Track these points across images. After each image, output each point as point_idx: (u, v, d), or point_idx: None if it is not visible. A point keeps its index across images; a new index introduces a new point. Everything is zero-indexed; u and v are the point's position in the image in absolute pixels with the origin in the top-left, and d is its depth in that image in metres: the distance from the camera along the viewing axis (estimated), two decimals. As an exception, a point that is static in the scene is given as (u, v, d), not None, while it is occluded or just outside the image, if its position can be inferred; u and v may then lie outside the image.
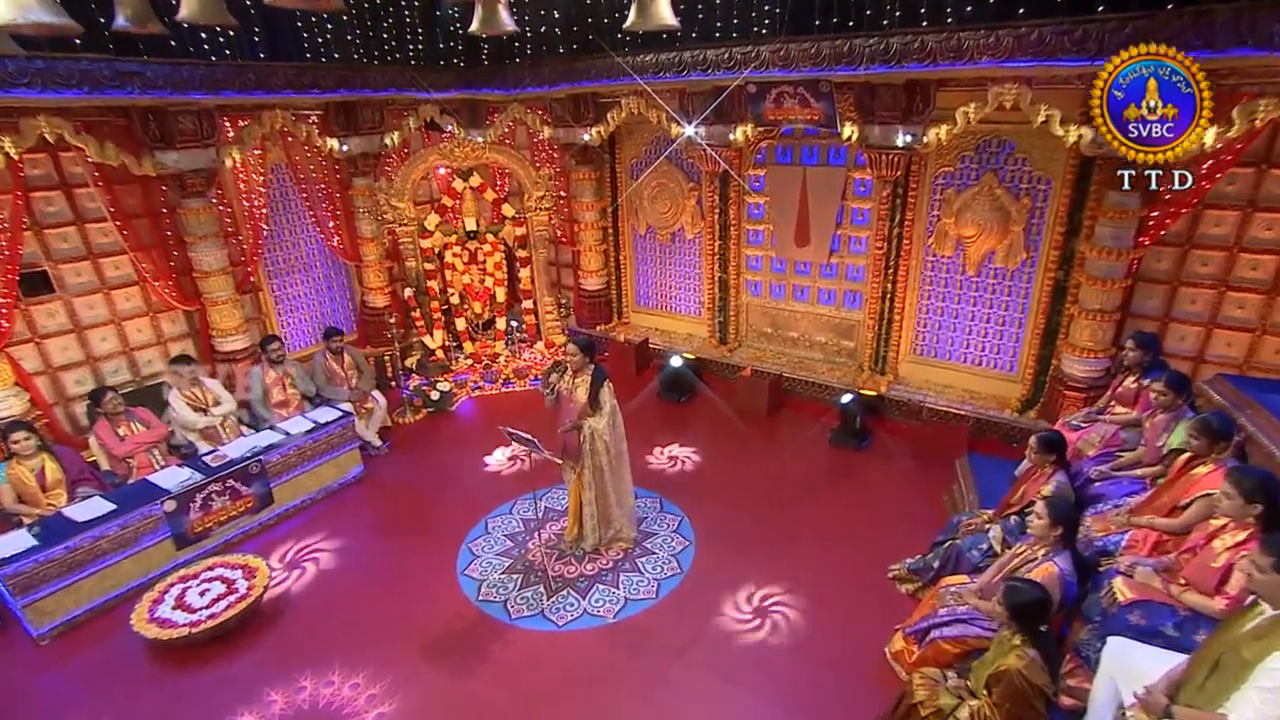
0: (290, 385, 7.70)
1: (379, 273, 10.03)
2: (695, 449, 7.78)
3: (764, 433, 8.22)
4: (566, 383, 5.81)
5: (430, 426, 8.72)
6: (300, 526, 6.86)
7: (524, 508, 6.89)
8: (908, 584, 5.74)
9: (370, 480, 7.52)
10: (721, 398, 8.99)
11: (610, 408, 5.61)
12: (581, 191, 10.19)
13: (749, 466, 7.33)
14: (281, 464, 6.94)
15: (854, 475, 7.28)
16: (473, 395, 9.41)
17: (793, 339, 9.33)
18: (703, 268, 9.71)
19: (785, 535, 6.30)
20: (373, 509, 7.06)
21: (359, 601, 5.74)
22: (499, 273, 10.03)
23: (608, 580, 5.82)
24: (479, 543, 6.40)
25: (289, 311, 9.66)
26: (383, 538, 6.48)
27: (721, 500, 6.76)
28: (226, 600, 5.60)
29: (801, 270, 9.06)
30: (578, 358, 5.63)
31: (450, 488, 7.27)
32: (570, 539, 6.18)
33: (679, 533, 6.34)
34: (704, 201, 9.37)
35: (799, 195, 8.67)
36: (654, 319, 10.70)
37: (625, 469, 5.96)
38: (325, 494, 7.28)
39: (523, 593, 5.73)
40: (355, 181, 9.56)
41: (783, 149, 8.76)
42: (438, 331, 9.62)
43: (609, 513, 6.04)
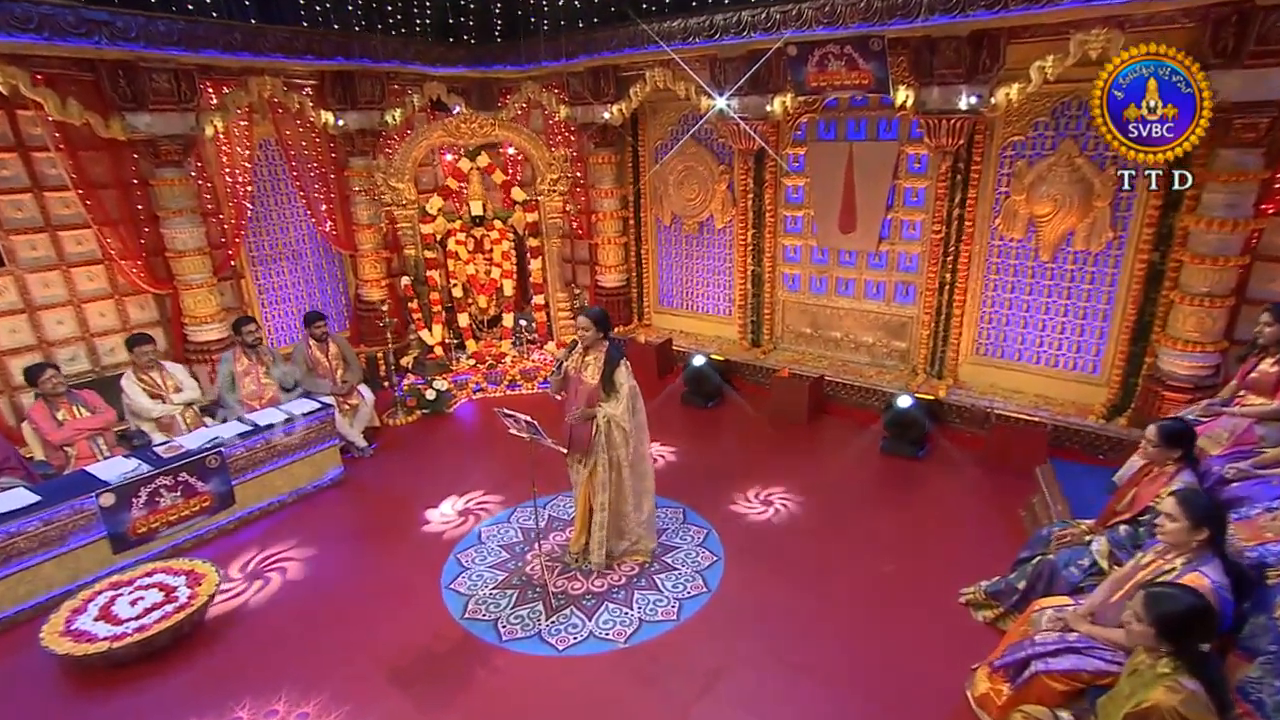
0: (265, 375, 7.03)
1: (375, 264, 9.53)
2: (724, 455, 7.19)
3: (804, 440, 7.55)
4: (575, 361, 5.12)
5: (423, 429, 8.11)
6: (266, 532, 6.18)
7: (524, 516, 6.13)
8: (985, 610, 4.87)
9: (351, 483, 6.90)
10: (753, 403, 8.42)
11: (628, 390, 4.96)
12: (600, 177, 9.68)
13: (787, 476, 6.63)
14: (246, 459, 6.23)
15: (912, 487, 6.52)
16: (474, 398, 8.83)
17: (835, 340, 8.61)
18: (734, 260, 9.15)
19: (832, 551, 5.58)
20: (351, 515, 6.42)
21: (324, 618, 5.05)
22: (507, 263, 9.44)
23: (619, 599, 5.07)
24: (469, 554, 5.68)
25: (274, 303, 9.10)
26: (360, 547, 5.83)
27: (753, 515, 6.11)
28: (162, 611, 4.81)
29: (846, 261, 8.38)
30: (590, 331, 5.00)
31: (442, 494, 6.62)
32: (576, 550, 5.47)
33: (705, 547, 5.59)
34: (736, 185, 8.84)
35: (844, 175, 8.01)
36: (678, 320, 10.02)
37: (647, 465, 5.27)
38: (297, 497, 6.62)
39: (517, 611, 4.97)
40: (352, 162, 9.13)
41: (825, 124, 8.13)
42: (437, 327, 9.03)
43: (624, 520, 5.33)
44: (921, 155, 7.59)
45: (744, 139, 8.20)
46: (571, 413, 5.09)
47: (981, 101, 6.59)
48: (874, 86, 7.00)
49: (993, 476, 6.56)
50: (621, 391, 4.95)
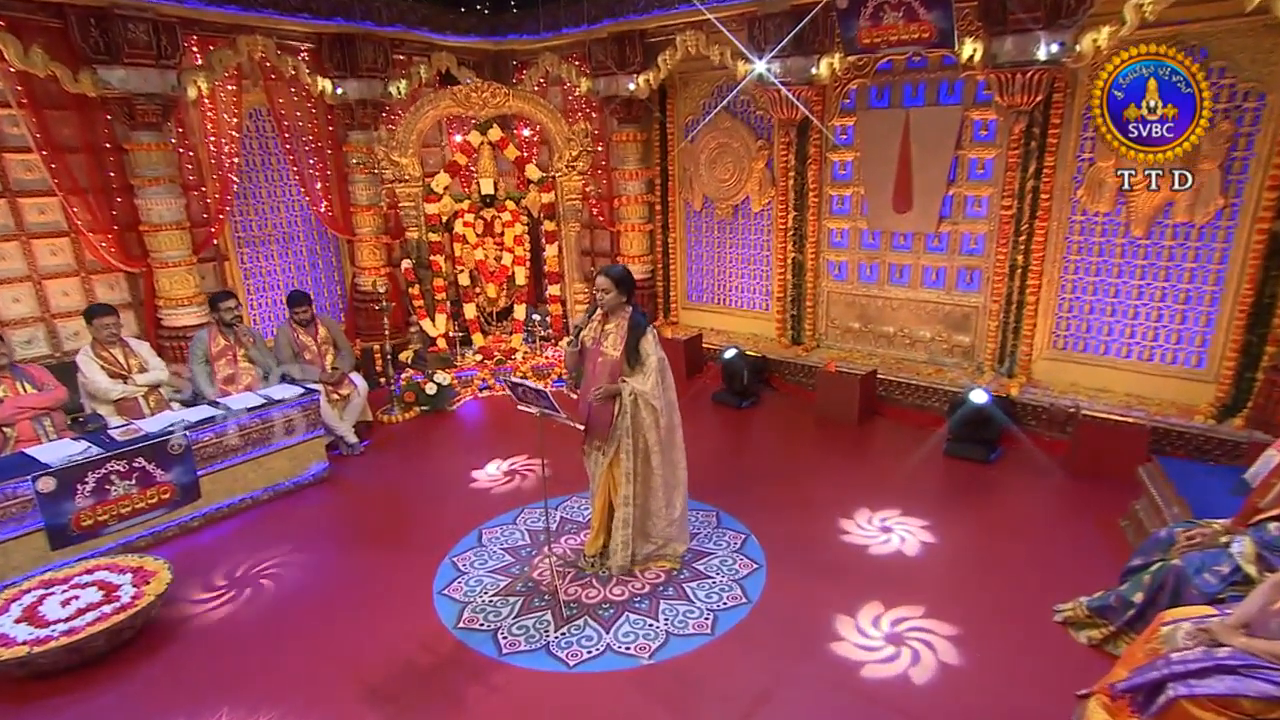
0: (244, 358, 6.57)
1: (374, 250, 9.15)
2: (763, 457, 6.73)
3: (855, 442, 7.04)
4: (593, 330, 4.68)
5: (421, 427, 7.67)
6: (235, 531, 5.69)
7: (532, 518, 5.64)
8: (1089, 630, 4.24)
9: (337, 481, 6.46)
10: (795, 404, 7.95)
11: (656, 362, 4.50)
12: (624, 157, 9.25)
13: (836, 480, 6.17)
14: (215, 447, 5.75)
15: (986, 493, 5.95)
16: (479, 395, 8.39)
17: (887, 335, 8.10)
18: (772, 247, 8.70)
19: (891, 563, 4.98)
20: (335, 516, 5.94)
21: (292, 627, 4.53)
22: (519, 248, 9.03)
23: (642, 609, 4.54)
24: (467, 556, 5.17)
25: (260, 289, 8.71)
26: (342, 549, 5.34)
27: (801, 517, 5.58)
28: (98, 612, 4.24)
29: (901, 245, 7.87)
30: (611, 294, 4.54)
31: (438, 496, 6.17)
32: (592, 553, 4.96)
33: (743, 553, 5.06)
34: (776, 163, 8.40)
35: (899, 147, 7.52)
36: (709, 316, 9.55)
37: (679, 452, 4.76)
38: (273, 494, 6.16)
39: (521, 620, 4.44)
40: (351, 136, 8.79)
41: (878, 90, 7.66)
42: (441, 317, 8.63)
43: (652, 519, 4.81)
44: (989, 121, 7.05)
45: (785, 108, 7.78)
46: (592, 391, 4.54)
47: (1064, 50, 6.04)
48: (936, 40, 6.51)
49: (1080, 483, 6.00)
50: (649, 363, 4.50)
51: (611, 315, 4.63)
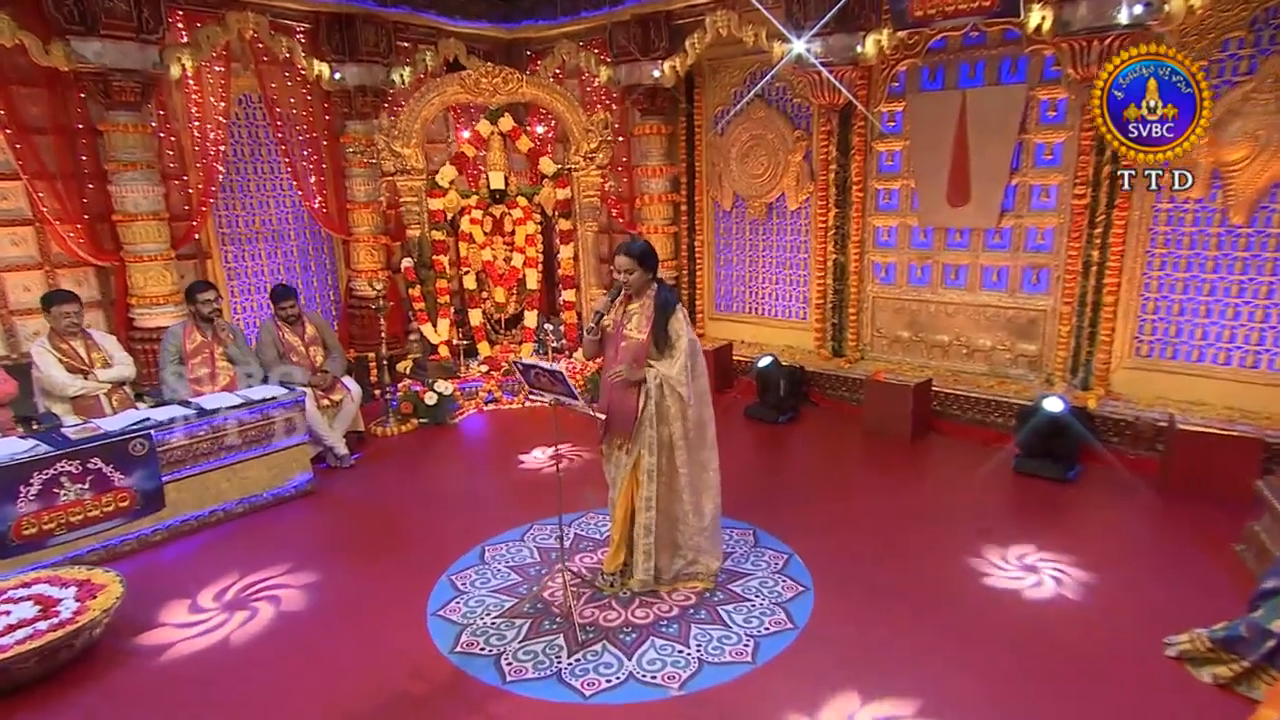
0: (223, 356, 6.27)
1: (372, 251, 8.97)
2: (804, 474, 6.46)
3: (909, 459, 6.67)
4: (615, 313, 4.41)
5: (419, 441, 7.36)
6: (203, 547, 5.33)
7: (542, 535, 5.33)
8: (1214, 666, 3.78)
9: (323, 495, 6.11)
10: (839, 419, 7.63)
11: (686, 344, 4.20)
12: (647, 152, 9.02)
13: (890, 499, 5.81)
14: (184, 450, 5.44)
15: (1066, 514, 5.51)
16: (485, 409, 8.09)
17: (942, 345, 7.74)
18: (811, 249, 8.43)
19: (960, 589, 4.58)
20: (319, 532, 5.58)
21: (262, 651, 4.14)
22: (531, 249, 8.73)
23: (670, 633, 4.15)
24: (468, 574, 4.85)
25: (245, 291, 8.49)
26: (325, 569, 4.96)
27: (852, 537, 5.21)
28: (32, 629, 3.82)
29: (956, 243, 7.53)
30: (635, 274, 4.27)
31: (436, 510, 5.83)
32: (612, 570, 4.57)
33: (787, 575, 4.73)
34: (815, 155, 8.16)
35: (954, 133, 7.19)
36: (740, 327, 9.26)
37: (710, 452, 4.42)
38: (249, 507, 5.81)
39: (528, 645, 4.07)
40: (349, 126, 8.66)
41: (930, 70, 7.35)
42: (443, 322, 8.28)
43: (679, 526, 4.46)
44: (1058, 100, 6.72)
45: (827, 92, 7.50)
46: (611, 370, 4.28)
47: (1150, 11, 5.68)
48: (998, 9, 6.21)
49: (1177, 503, 5.55)
50: (678, 346, 4.21)
51: (636, 296, 4.36)
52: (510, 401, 8.17)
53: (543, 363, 4.07)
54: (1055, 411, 6.02)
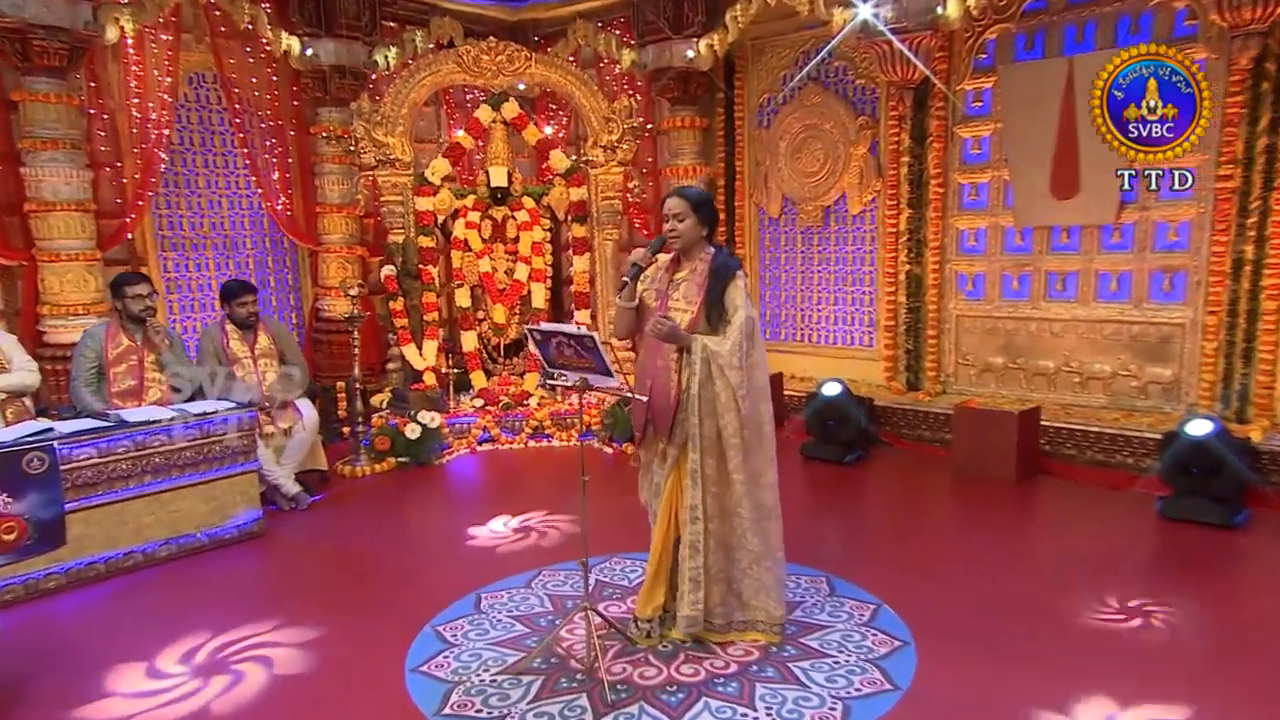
0: (155, 366, 5.96)
1: (345, 264, 8.71)
2: (886, 517, 6.42)
3: (1016, 503, 6.39)
4: (657, 281, 4.15)
5: (396, 483, 7.09)
6: (114, 597, 4.90)
7: (555, 580, 4.99)
8: None
9: (274, 538, 5.80)
10: (921, 460, 7.44)
11: (744, 320, 3.89)
12: (678, 150, 9.03)
13: (998, 544, 5.56)
14: (96, 471, 5.06)
15: (1235, 565, 5.16)
16: (478, 450, 7.85)
17: (1046, 373, 7.45)
18: (878, 260, 8.32)
19: (1116, 645, 4.18)
20: (267, 581, 5.27)
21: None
22: (538, 259, 8.52)
23: (728, 693, 3.72)
24: (458, 625, 4.45)
25: (188, 308, 8.23)
26: (274, 625, 4.53)
27: (958, 586, 4.89)
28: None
29: (1064, 245, 7.28)
30: (686, 223, 4.01)
31: (418, 555, 5.59)
32: (648, 615, 4.15)
33: (877, 627, 4.35)
34: (883, 146, 8.08)
35: (1059, 110, 6.93)
36: (791, 359, 9.03)
37: (767, 462, 4.09)
38: (178, 548, 5.42)
39: (541, 707, 3.64)
40: (322, 114, 8.52)
41: (1026, 37, 7.19)
42: (430, 344, 8.02)
43: (734, 556, 4.09)
44: (1196, 60, 6.41)
45: (898, 66, 7.37)
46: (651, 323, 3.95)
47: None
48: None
49: None
50: (734, 321, 3.89)
51: (685, 258, 4.09)
52: (510, 441, 7.93)
53: (568, 326, 3.78)
54: (1203, 436, 5.58)
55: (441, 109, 9.63)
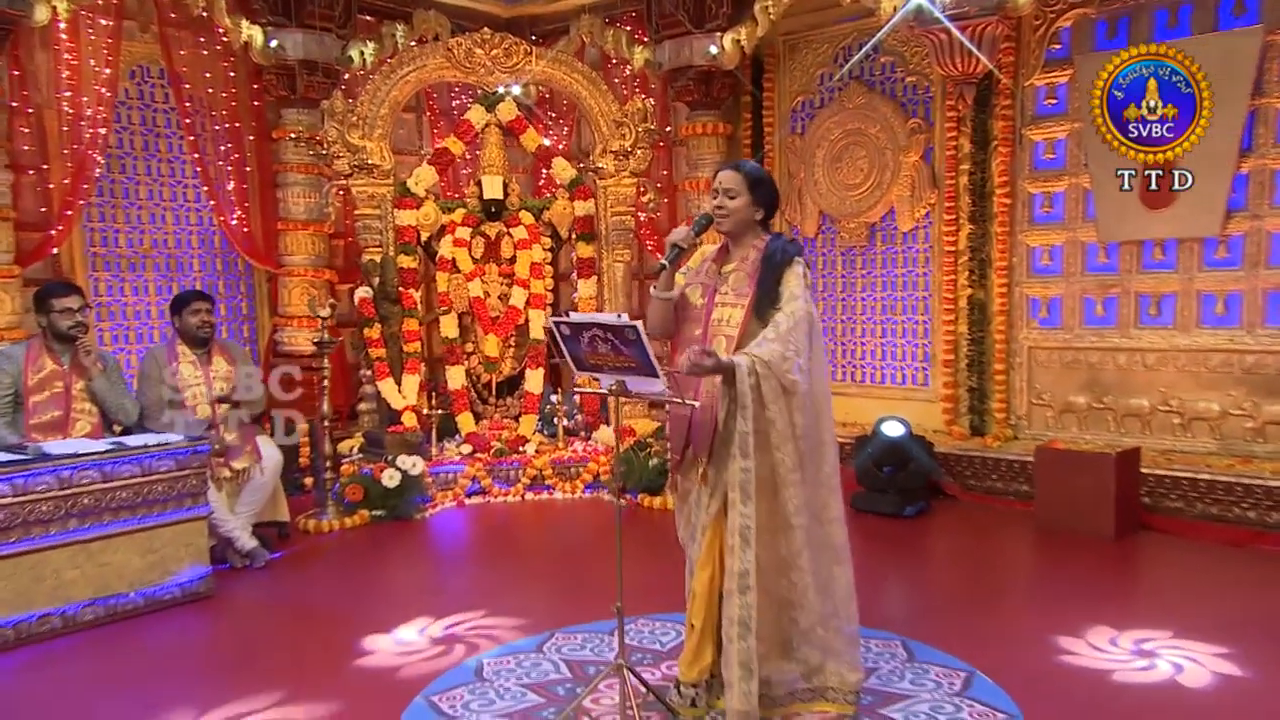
0: (85, 393, 5.80)
1: (311, 289, 8.55)
2: (965, 577, 6.31)
3: (1117, 561, 6.28)
4: (703, 273, 4.04)
5: (370, 540, 6.95)
6: (24, 668, 4.68)
7: (571, 644, 4.81)
8: None
9: (225, 600, 5.67)
10: (994, 515, 7.36)
11: (802, 310, 3.72)
12: (699, 161, 9.00)
13: (1116, 612, 5.37)
14: (8, 514, 4.80)
15: None
16: (466, 503, 7.75)
17: (1139, 413, 7.34)
18: (934, 284, 8.35)
19: None
20: (216, 652, 5.16)
21: None
22: (538, 283, 8.58)
23: None
24: (457, 694, 4.23)
25: (122, 339, 8.13)
26: (224, 700, 4.34)
27: (1065, 659, 4.77)
28: None
29: (1158, 262, 7.21)
30: (737, 200, 3.86)
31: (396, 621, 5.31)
32: (692, 679, 3.92)
33: (972, 698, 4.14)
34: (938, 152, 8.14)
35: None
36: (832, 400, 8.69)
37: (833, 494, 3.91)
38: (108, 611, 5.21)
39: None
40: (287, 116, 8.50)
41: (1108, 23, 7.22)
42: (410, 379, 7.97)
43: (797, 613, 3.83)
44: (1302, 46, 6.53)
45: (958, 59, 7.26)
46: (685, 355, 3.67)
47: None
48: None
49: None
50: (793, 311, 3.70)
51: (734, 244, 3.95)
52: (504, 493, 7.84)
53: (606, 315, 3.57)
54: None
55: (423, 116, 9.67)
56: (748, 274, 3.80)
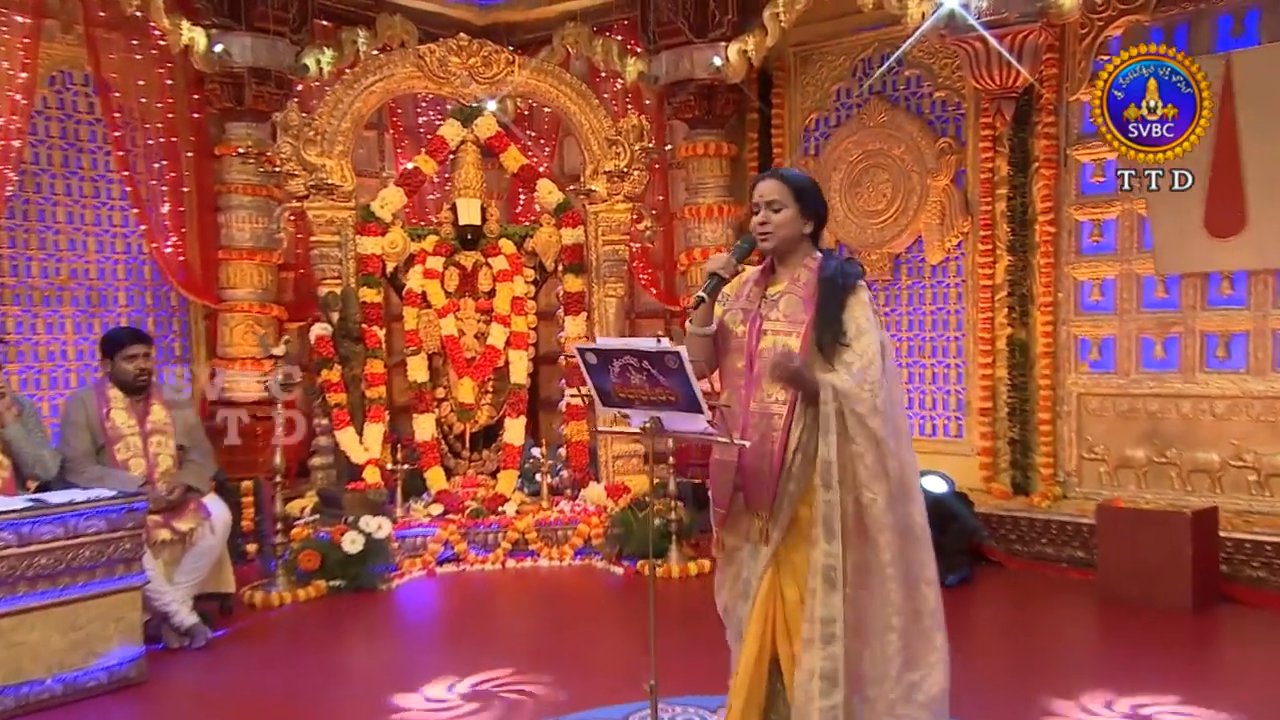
0: None
1: (256, 328, 8.49)
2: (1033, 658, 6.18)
3: (1209, 644, 6.23)
4: (744, 299, 3.89)
5: (328, 615, 6.85)
6: None
7: None
8: None
9: (157, 690, 5.46)
10: (1043, 583, 7.30)
11: (875, 345, 3.59)
12: (699, 185, 9.11)
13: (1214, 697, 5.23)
14: None
15: None
16: (436, 572, 7.65)
17: (1208, 469, 7.27)
18: (968, 323, 8.38)
19: None
20: None
21: None
22: (520, 319, 8.61)
23: None
24: None
25: (30, 385, 7.92)
26: None
27: None
28: None
29: (1225, 298, 7.28)
30: (784, 212, 3.71)
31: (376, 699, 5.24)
32: None
33: None
34: (971, 175, 8.21)
35: (1215, 127, 6.91)
36: None
37: (925, 548, 3.70)
38: (21, 702, 4.94)
39: None
40: (232, 130, 8.51)
41: (1164, 31, 7.30)
42: (373, 428, 8.03)
43: (872, 690, 3.64)
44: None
45: (994, 70, 7.33)
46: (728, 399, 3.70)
47: None
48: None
49: None
50: (858, 345, 3.57)
51: (780, 264, 3.80)
52: (482, 560, 7.75)
53: (642, 341, 3.43)
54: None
55: (386, 133, 9.69)
56: (801, 297, 3.65)
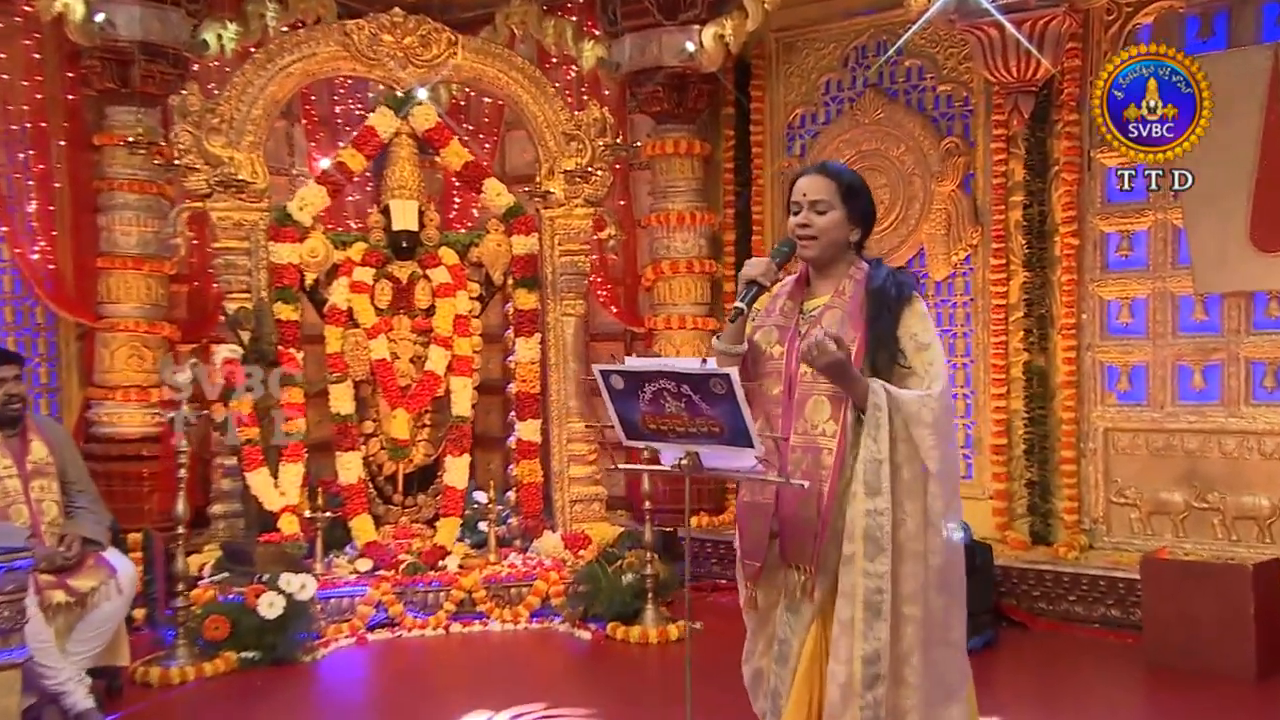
0: None
1: (143, 350, 8.45)
2: None
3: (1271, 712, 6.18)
4: (772, 310, 3.90)
5: (238, 694, 6.58)
6: None
7: None
8: None
9: None
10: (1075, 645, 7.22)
11: (941, 361, 3.71)
12: (668, 189, 9.24)
13: None
14: None
15: None
16: (368, 640, 7.47)
17: (1256, 514, 7.33)
18: (977, 348, 8.51)
19: None
20: None
21: None
22: (464, 341, 8.53)
23: None
24: None
25: None
26: None
27: None
28: None
29: (1274, 320, 7.36)
30: (830, 214, 3.71)
31: None
32: None
33: None
34: (981, 180, 8.31)
35: (1261, 122, 7.23)
36: None
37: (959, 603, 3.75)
38: None
39: None
40: (113, 117, 8.43)
41: (1200, 19, 7.48)
42: (291, 469, 7.90)
43: None
44: None
45: (1009, 61, 7.48)
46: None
47: None
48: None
49: None
50: (922, 362, 3.63)
51: (818, 274, 3.77)
52: (421, 624, 7.58)
53: (681, 362, 3.54)
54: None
55: (296, 124, 9.56)
56: (846, 311, 3.57)
